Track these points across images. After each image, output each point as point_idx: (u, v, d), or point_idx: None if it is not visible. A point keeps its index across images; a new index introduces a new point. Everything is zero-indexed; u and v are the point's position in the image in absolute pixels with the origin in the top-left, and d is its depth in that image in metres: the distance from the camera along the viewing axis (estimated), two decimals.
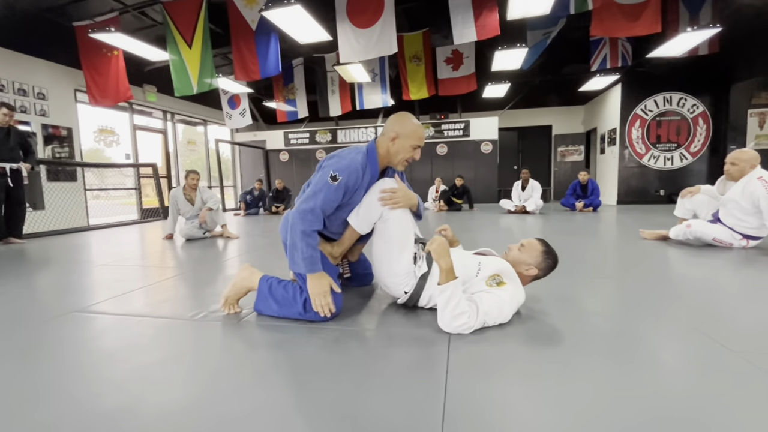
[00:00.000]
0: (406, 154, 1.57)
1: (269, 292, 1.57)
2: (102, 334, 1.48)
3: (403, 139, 1.55)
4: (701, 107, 7.75)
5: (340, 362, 1.18)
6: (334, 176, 1.46)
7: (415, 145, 1.57)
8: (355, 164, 1.50)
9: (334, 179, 1.46)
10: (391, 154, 1.58)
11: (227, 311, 1.64)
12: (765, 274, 2.18)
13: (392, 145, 1.56)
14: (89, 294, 2.08)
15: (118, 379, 1.11)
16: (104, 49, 5.57)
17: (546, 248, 1.55)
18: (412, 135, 1.55)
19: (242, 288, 1.65)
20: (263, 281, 1.60)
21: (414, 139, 1.56)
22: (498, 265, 1.48)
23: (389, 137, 1.55)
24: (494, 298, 1.38)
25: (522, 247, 1.57)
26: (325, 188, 1.46)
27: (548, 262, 1.53)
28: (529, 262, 1.53)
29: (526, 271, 1.52)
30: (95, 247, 3.97)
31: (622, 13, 4.82)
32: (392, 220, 1.56)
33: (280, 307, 1.55)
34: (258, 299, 1.60)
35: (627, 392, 0.97)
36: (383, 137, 1.58)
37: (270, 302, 1.57)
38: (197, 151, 9.75)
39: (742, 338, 1.29)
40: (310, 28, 4.77)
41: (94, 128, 6.80)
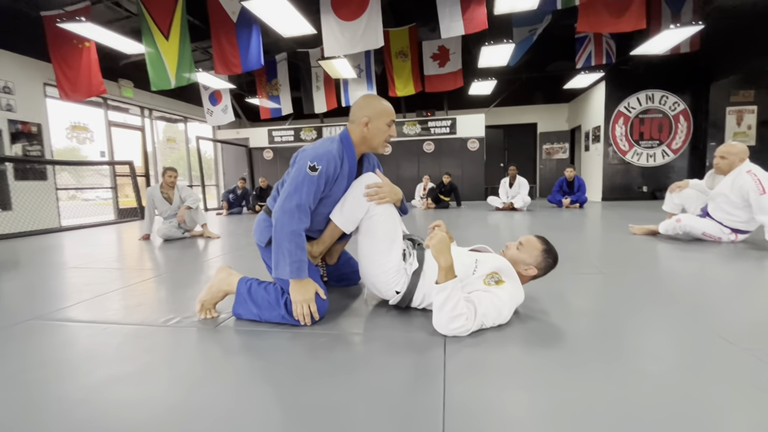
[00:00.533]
0: (384, 134, 1.51)
1: (248, 295, 1.45)
2: (64, 343, 1.34)
3: (375, 121, 1.49)
4: (682, 105, 7.89)
5: (327, 370, 1.07)
6: (312, 166, 1.37)
7: (389, 121, 1.51)
8: (332, 152, 1.42)
9: (313, 169, 1.37)
10: (369, 139, 1.51)
11: (203, 316, 1.51)
12: (755, 268, 2.17)
13: (367, 130, 1.49)
14: (55, 299, 1.91)
15: (79, 394, 0.98)
16: (75, 41, 5.29)
17: (546, 246, 1.46)
18: (383, 113, 1.50)
19: (219, 291, 1.52)
20: (242, 283, 1.48)
21: (386, 116, 1.50)
22: (496, 262, 1.39)
23: (361, 123, 1.48)
24: (493, 298, 1.30)
25: (521, 246, 1.47)
26: (306, 181, 1.37)
27: (548, 261, 1.44)
28: (528, 261, 1.44)
29: (525, 271, 1.43)
30: (67, 248, 3.75)
31: (607, 9, 4.83)
32: (379, 215, 1.47)
33: (260, 310, 1.43)
34: (236, 302, 1.48)
35: (631, 393, 0.90)
36: (354, 125, 1.51)
37: (249, 305, 1.44)
38: (177, 149, 9.44)
39: (746, 335, 1.24)
40: (293, 21, 4.62)
41: (66, 124, 6.47)
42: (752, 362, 1.05)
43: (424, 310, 1.52)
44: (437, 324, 1.26)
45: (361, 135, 1.50)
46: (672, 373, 1.01)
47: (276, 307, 1.40)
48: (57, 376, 1.09)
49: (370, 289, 1.59)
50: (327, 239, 1.60)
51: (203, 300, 1.52)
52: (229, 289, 1.51)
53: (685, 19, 5.62)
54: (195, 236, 4.12)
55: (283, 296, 1.41)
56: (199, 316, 1.51)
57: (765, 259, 2.35)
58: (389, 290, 1.49)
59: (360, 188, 1.48)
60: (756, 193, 2.56)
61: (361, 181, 1.49)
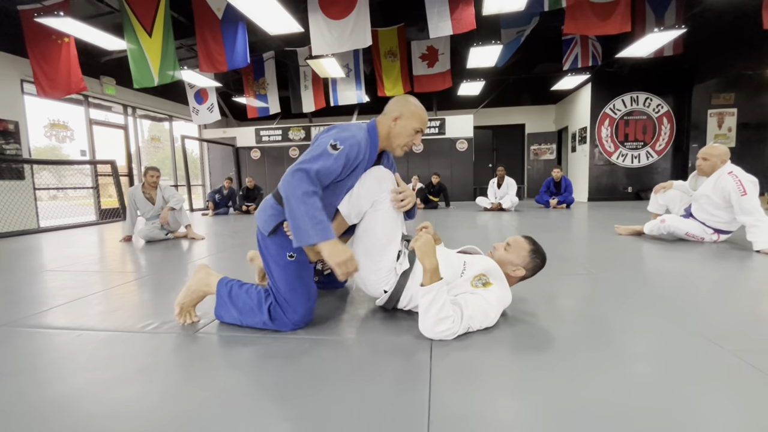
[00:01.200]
0: (407, 138, 1.45)
1: (229, 298, 1.40)
2: (36, 351, 1.27)
3: (405, 120, 1.43)
4: (665, 107, 8.05)
5: (310, 377, 1.04)
6: (334, 145, 1.30)
7: (418, 128, 1.45)
8: (358, 138, 1.35)
9: (334, 147, 1.30)
10: (392, 136, 1.45)
11: (183, 321, 1.45)
12: (737, 268, 2.21)
13: (393, 125, 1.44)
14: (29, 304, 1.83)
15: (50, 405, 0.93)
16: (53, 36, 5.12)
17: (533, 247, 1.45)
18: (415, 116, 1.43)
19: (198, 292, 1.46)
20: (222, 285, 1.42)
21: (417, 121, 1.44)
22: (484, 264, 1.37)
23: (391, 117, 1.44)
24: (480, 300, 1.27)
25: (508, 246, 1.46)
26: (324, 155, 1.29)
27: (536, 262, 1.43)
28: (516, 262, 1.42)
29: (513, 272, 1.41)
30: (45, 250, 3.62)
31: (594, 11, 4.88)
32: (382, 212, 1.41)
33: (241, 315, 1.38)
34: (217, 305, 1.42)
35: (617, 396, 0.88)
36: (384, 117, 1.46)
37: (230, 309, 1.39)
38: (162, 149, 9.25)
39: (732, 336, 1.24)
40: (280, 18, 4.55)
41: (44, 122, 6.27)
42: (734, 362, 1.05)
43: (410, 313, 1.49)
44: (423, 327, 1.24)
45: (387, 130, 1.45)
46: (657, 375, 1.01)
47: (258, 312, 1.35)
48: (28, 386, 1.03)
49: (359, 285, 1.53)
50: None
51: (182, 302, 1.45)
52: (208, 290, 1.45)
53: (669, 23, 5.72)
54: (179, 237, 4.02)
55: (267, 301, 1.36)
56: (178, 320, 1.45)
57: (746, 259, 2.39)
58: (378, 289, 1.45)
59: (370, 179, 1.41)
60: (737, 195, 2.61)
61: (371, 173, 1.42)
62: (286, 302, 1.35)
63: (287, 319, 1.35)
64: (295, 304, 1.35)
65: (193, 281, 1.47)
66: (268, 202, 1.44)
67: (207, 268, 1.51)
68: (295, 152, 9.78)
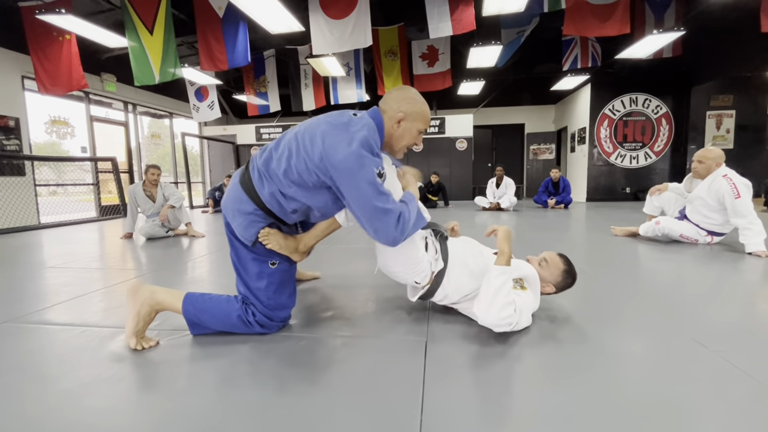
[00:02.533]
0: (411, 139, 1.34)
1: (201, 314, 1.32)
2: (40, 347, 1.31)
3: (410, 122, 1.30)
4: (664, 108, 8.07)
5: (306, 375, 1.07)
6: (380, 173, 1.16)
7: (422, 129, 1.35)
8: (376, 146, 1.20)
9: (380, 176, 1.16)
10: (395, 139, 1.32)
11: (141, 348, 1.25)
12: (729, 270, 2.24)
13: (397, 127, 1.30)
14: (32, 300, 1.86)
15: (53, 400, 0.96)
16: (55, 33, 5.14)
17: (567, 267, 1.45)
18: (420, 116, 1.32)
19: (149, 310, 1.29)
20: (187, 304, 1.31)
21: (422, 122, 1.33)
22: (526, 270, 1.37)
23: (395, 118, 1.28)
24: (518, 298, 1.27)
25: (544, 262, 1.46)
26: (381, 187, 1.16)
27: (567, 282, 1.45)
28: (547, 279, 1.43)
29: (543, 288, 1.43)
30: (46, 247, 3.66)
31: (593, 13, 4.90)
32: None
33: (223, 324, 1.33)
34: (190, 325, 1.34)
35: (605, 397, 0.92)
36: (386, 116, 1.29)
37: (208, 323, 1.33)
38: (162, 145, 9.27)
39: (718, 336, 1.28)
40: (281, 17, 4.57)
41: (45, 119, 6.29)
42: (718, 363, 1.09)
43: (410, 314, 1.53)
44: (489, 311, 1.18)
45: (390, 131, 1.31)
46: (639, 375, 1.04)
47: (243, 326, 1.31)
48: (31, 381, 1.07)
49: (388, 275, 1.47)
50: (321, 234, 1.39)
51: (135, 330, 1.25)
52: (159, 307, 1.30)
53: (668, 25, 5.74)
54: (179, 235, 4.06)
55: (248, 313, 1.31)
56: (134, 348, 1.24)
57: (738, 261, 2.43)
58: (410, 279, 1.41)
59: None
60: (731, 197, 2.64)
61: None
62: (271, 309, 1.32)
63: (274, 324, 1.35)
64: (282, 305, 1.35)
65: (135, 305, 1.28)
66: (242, 205, 1.26)
67: (142, 284, 1.34)
68: None
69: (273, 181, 1.23)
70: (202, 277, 2.31)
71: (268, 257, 1.31)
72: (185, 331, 1.35)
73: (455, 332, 1.35)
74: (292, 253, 1.34)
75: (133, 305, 1.28)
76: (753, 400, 0.92)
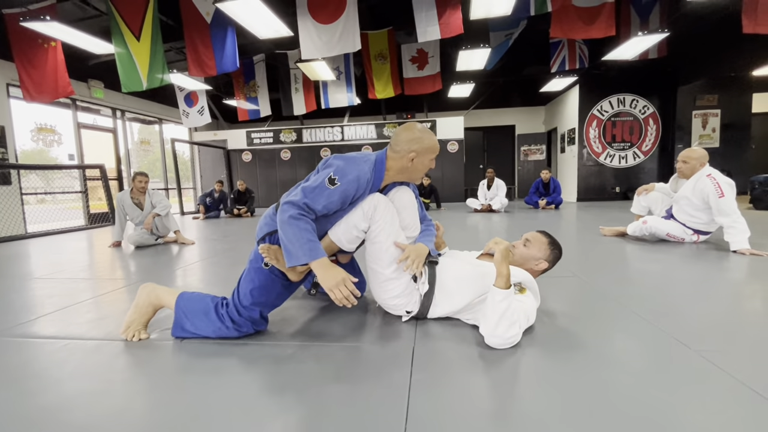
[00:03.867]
0: (425, 169, 1.50)
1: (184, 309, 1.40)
2: (23, 361, 1.29)
3: (421, 157, 1.45)
4: (651, 108, 8.19)
5: (294, 383, 1.07)
6: (333, 179, 1.33)
7: (434, 157, 1.50)
8: (358, 174, 1.37)
9: (332, 182, 1.33)
10: (411, 172, 1.48)
11: (130, 338, 1.40)
12: (715, 269, 2.28)
13: (411, 165, 1.45)
14: (16, 313, 1.83)
15: (36, 415, 0.94)
16: (40, 40, 5.07)
17: (550, 239, 1.54)
18: (430, 150, 1.46)
19: (148, 306, 1.44)
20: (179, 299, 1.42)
21: (432, 153, 1.48)
22: (521, 275, 1.38)
23: (408, 158, 1.43)
24: (521, 305, 1.29)
25: (528, 242, 1.54)
26: (320, 188, 1.33)
27: (555, 253, 1.52)
28: (537, 256, 1.50)
29: (536, 266, 1.50)
30: (32, 257, 3.60)
31: (579, 16, 4.97)
32: (381, 243, 1.42)
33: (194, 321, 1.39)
34: (174, 321, 1.41)
35: (589, 396, 0.93)
36: (397, 156, 1.44)
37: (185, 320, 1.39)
38: (152, 152, 9.19)
39: (698, 335, 1.30)
40: (269, 23, 4.57)
41: (31, 126, 6.21)
42: (700, 363, 1.11)
43: (393, 318, 1.53)
44: (495, 333, 1.21)
45: (403, 167, 1.46)
46: (629, 378, 1.05)
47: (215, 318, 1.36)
48: (14, 397, 1.05)
49: (380, 304, 1.57)
50: None
51: (130, 320, 1.42)
52: (158, 303, 1.44)
53: (653, 27, 5.84)
54: (168, 242, 4.02)
55: (223, 306, 1.38)
56: (124, 337, 1.40)
57: (723, 259, 2.47)
58: (400, 310, 1.50)
59: (358, 206, 1.42)
60: (715, 196, 2.68)
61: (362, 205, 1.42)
62: (243, 304, 1.36)
63: (242, 320, 1.36)
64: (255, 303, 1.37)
65: (142, 297, 1.44)
66: (268, 212, 1.50)
67: (153, 284, 1.49)
68: (286, 154, 9.77)
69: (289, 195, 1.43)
70: (192, 285, 2.29)
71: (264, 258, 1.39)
72: (171, 345, 1.34)
73: (443, 337, 1.35)
74: (288, 271, 1.39)
75: (138, 297, 1.45)
76: (731, 400, 0.93)
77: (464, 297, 1.40)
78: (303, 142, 9.73)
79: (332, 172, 1.34)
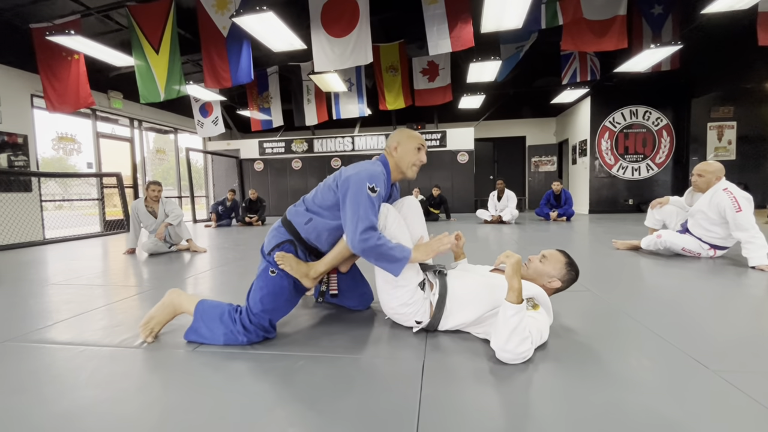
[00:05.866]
0: (412, 156, 1.57)
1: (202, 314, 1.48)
2: (40, 367, 1.31)
3: (404, 145, 1.57)
4: (665, 120, 8.10)
5: (304, 393, 1.07)
6: (372, 188, 1.40)
7: (418, 145, 1.58)
8: (382, 174, 1.48)
9: (373, 191, 1.40)
10: (399, 162, 1.58)
11: (145, 336, 1.49)
12: (732, 285, 2.22)
13: (396, 154, 1.58)
14: (33, 319, 1.88)
15: (52, 422, 0.96)
16: (63, 53, 5.27)
17: (568, 260, 1.51)
18: (411, 138, 1.58)
19: (170, 307, 1.54)
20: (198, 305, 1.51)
21: (414, 140, 1.58)
22: (532, 289, 1.38)
23: (392, 148, 1.58)
24: (533, 321, 1.28)
25: (544, 259, 1.52)
26: (369, 202, 1.39)
27: (571, 275, 1.50)
28: (552, 274, 1.48)
29: (549, 284, 1.48)
30: (50, 263, 3.68)
31: (590, 29, 4.98)
32: None
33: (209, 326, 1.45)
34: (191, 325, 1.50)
35: (601, 415, 0.91)
36: (387, 152, 1.61)
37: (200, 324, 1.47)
38: (167, 160, 9.39)
39: (716, 354, 1.26)
40: (283, 36, 4.67)
41: (52, 135, 6.41)
42: (718, 384, 1.08)
43: (402, 329, 1.53)
44: (504, 347, 1.20)
45: (393, 162, 1.59)
46: (643, 396, 1.03)
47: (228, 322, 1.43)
48: (27, 404, 1.07)
49: (389, 316, 1.59)
50: (332, 261, 1.54)
51: (152, 314, 1.52)
52: (179, 308, 1.54)
53: (665, 39, 5.81)
54: (181, 250, 4.08)
55: (236, 312, 1.45)
56: (141, 332, 1.50)
57: (742, 275, 2.41)
58: (409, 321, 1.51)
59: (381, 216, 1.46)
60: (732, 211, 2.63)
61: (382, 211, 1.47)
62: (253, 312, 1.44)
63: (253, 327, 1.42)
64: (265, 310, 1.44)
65: (166, 299, 1.56)
66: (275, 225, 1.60)
67: (179, 290, 1.59)
68: (297, 164, 9.88)
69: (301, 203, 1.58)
70: (203, 294, 2.31)
71: (273, 265, 1.49)
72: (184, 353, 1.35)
73: (453, 351, 1.34)
74: (302, 278, 1.49)
75: (164, 298, 1.55)
76: (751, 423, 0.91)
77: (476, 308, 1.40)
78: (314, 152, 9.84)
79: (367, 181, 1.40)
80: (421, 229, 1.61)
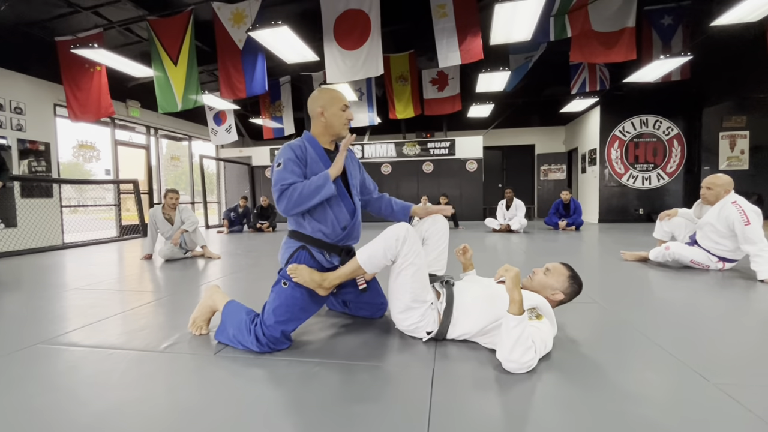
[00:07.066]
0: (341, 118, 1.64)
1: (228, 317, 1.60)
2: (70, 369, 1.40)
3: (329, 109, 1.63)
4: (676, 129, 8.06)
5: (321, 399, 1.14)
6: (279, 164, 1.56)
7: (342, 106, 1.64)
8: (288, 145, 1.60)
9: (278, 165, 1.56)
10: (329, 126, 1.65)
11: (195, 332, 1.71)
12: (741, 298, 2.23)
13: (323, 119, 1.63)
14: (59, 322, 1.97)
15: (87, 420, 1.04)
16: (86, 65, 5.49)
17: (571, 273, 1.54)
18: (334, 100, 1.63)
19: (207, 307, 1.73)
20: (226, 306, 1.64)
21: (338, 102, 1.63)
22: (534, 299, 1.42)
23: (317, 114, 1.64)
24: (537, 331, 1.33)
25: (547, 271, 1.55)
26: (279, 173, 1.54)
27: (574, 288, 1.53)
28: (555, 286, 1.52)
29: (552, 296, 1.51)
30: (70, 267, 3.82)
31: (599, 40, 5.02)
32: (409, 275, 1.50)
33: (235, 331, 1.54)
34: (219, 326, 1.61)
35: (603, 426, 0.96)
36: (313, 119, 1.67)
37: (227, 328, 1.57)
38: (180, 167, 9.60)
39: (721, 369, 1.30)
40: (297, 49, 4.81)
41: (73, 143, 6.64)
42: (719, 397, 1.11)
43: (411, 338, 1.59)
44: (511, 358, 1.24)
45: (321, 125, 1.65)
46: (645, 409, 1.07)
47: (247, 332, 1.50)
48: (65, 403, 1.16)
49: (399, 328, 1.64)
50: (345, 274, 1.57)
51: (194, 317, 1.73)
52: (214, 306, 1.71)
53: (675, 50, 5.82)
54: (196, 256, 4.19)
55: (253, 322, 1.51)
56: (191, 331, 1.71)
57: (750, 288, 2.41)
58: (419, 333, 1.57)
59: (390, 235, 1.48)
60: (741, 224, 2.64)
61: (392, 230, 1.49)
62: (266, 324, 1.49)
63: (265, 340, 1.47)
64: (277, 322, 1.48)
65: (204, 298, 1.75)
66: (284, 241, 1.68)
67: (216, 287, 1.76)
68: None
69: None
70: None
71: (285, 278, 1.56)
72: (206, 357, 1.43)
73: (461, 359, 1.40)
74: (317, 288, 1.54)
75: (203, 298, 1.75)
76: None
77: (481, 316, 1.45)
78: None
79: (275, 162, 1.58)
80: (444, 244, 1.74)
